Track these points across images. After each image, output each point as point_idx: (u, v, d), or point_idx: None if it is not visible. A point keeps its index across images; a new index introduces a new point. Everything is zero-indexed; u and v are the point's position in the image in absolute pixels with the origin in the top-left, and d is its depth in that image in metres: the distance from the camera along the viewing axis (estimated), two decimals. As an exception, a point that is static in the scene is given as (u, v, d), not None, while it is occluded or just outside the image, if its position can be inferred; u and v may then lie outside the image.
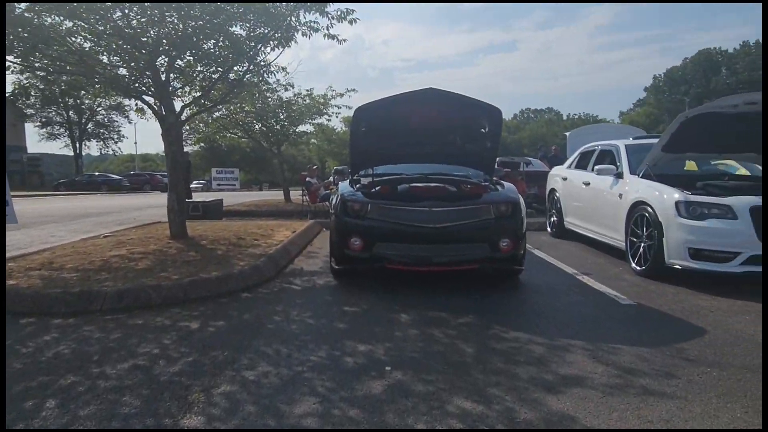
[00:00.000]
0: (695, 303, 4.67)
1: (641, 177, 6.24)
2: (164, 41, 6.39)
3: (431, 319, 4.21)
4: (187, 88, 8.24)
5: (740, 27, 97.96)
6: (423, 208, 5.10)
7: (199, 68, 7.43)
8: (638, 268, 5.81)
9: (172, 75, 7.31)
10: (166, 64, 7.02)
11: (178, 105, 7.49)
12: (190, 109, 8.57)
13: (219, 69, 7.31)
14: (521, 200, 5.44)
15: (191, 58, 7.11)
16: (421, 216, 5.07)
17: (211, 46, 6.79)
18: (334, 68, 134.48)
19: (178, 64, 7.17)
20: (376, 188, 5.72)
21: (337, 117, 17.38)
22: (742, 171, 7.01)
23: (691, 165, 7.03)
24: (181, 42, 6.40)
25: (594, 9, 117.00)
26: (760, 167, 6.59)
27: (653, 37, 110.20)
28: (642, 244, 5.78)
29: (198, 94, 7.94)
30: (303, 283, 5.59)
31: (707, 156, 6.76)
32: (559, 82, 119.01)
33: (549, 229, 9.13)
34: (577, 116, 69.39)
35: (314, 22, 7.37)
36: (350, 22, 7.57)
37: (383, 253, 5.09)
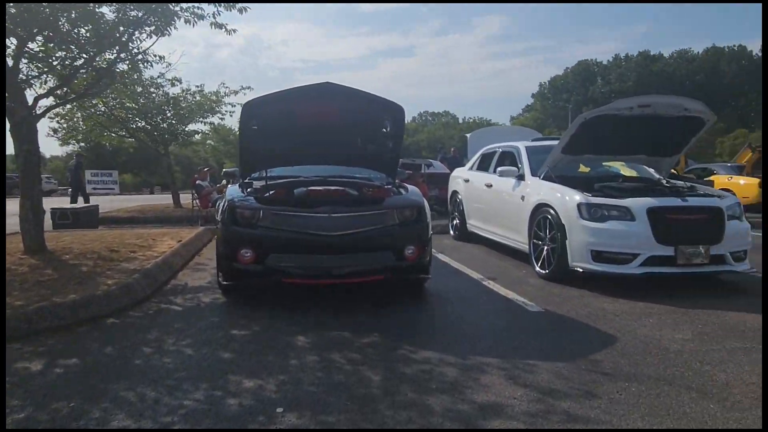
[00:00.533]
0: (600, 306, 4.61)
1: (542, 179, 6.20)
2: (6, 19, 5.33)
3: (332, 340, 3.73)
4: (45, 78, 7.05)
5: (612, 42, 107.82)
6: (321, 214, 4.62)
7: (58, 53, 6.36)
8: (542, 271, 5.73)
9: (23, 60, 6.20)
10: (14, 46, 5.92)
11: (31, 97, 6.38)
12: (56, 99, 7.40)
13: (83, 55, 6.30)
14: (426, 204, 5.13)
15: (46, 41, 6.05)
16: (320, 223, 4.59)
17: (70, 28, 5.80)
18: (232, 68, 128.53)
19: (29, 48, 6.07)
20: (270, 192, 5.13)
21: (231, 116, 16.24)
22: (628, 172, 7.24)
23: (582, 167, 7.14)
24: (30, 21, 5.38)
25: (482, 20, 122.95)
26: (649, 169, 6.83)
27: (538, 49, 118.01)
28: (545, 247, 5.71)
29: (57, 83, 6.82)
30: (185, 302, 4.88)
31: (599, 158, 6.89)
32: (456, 88, 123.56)
33: (452, 232, 9.01)
34: (472, 120, 72.24)
35: (198, 8, 6.64)
36: (240, 11, 6.91)
37: (278, 265, 4.55)
